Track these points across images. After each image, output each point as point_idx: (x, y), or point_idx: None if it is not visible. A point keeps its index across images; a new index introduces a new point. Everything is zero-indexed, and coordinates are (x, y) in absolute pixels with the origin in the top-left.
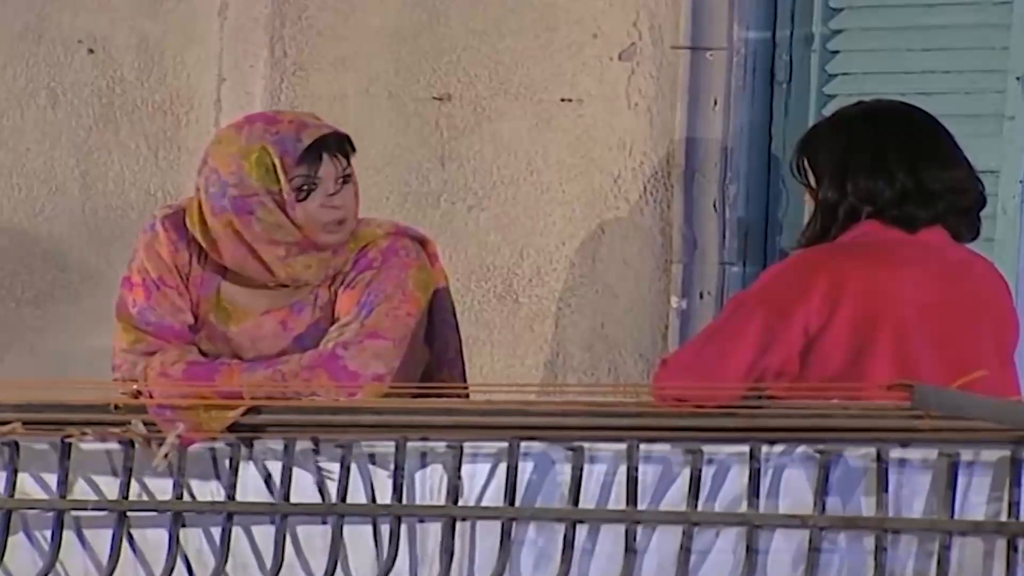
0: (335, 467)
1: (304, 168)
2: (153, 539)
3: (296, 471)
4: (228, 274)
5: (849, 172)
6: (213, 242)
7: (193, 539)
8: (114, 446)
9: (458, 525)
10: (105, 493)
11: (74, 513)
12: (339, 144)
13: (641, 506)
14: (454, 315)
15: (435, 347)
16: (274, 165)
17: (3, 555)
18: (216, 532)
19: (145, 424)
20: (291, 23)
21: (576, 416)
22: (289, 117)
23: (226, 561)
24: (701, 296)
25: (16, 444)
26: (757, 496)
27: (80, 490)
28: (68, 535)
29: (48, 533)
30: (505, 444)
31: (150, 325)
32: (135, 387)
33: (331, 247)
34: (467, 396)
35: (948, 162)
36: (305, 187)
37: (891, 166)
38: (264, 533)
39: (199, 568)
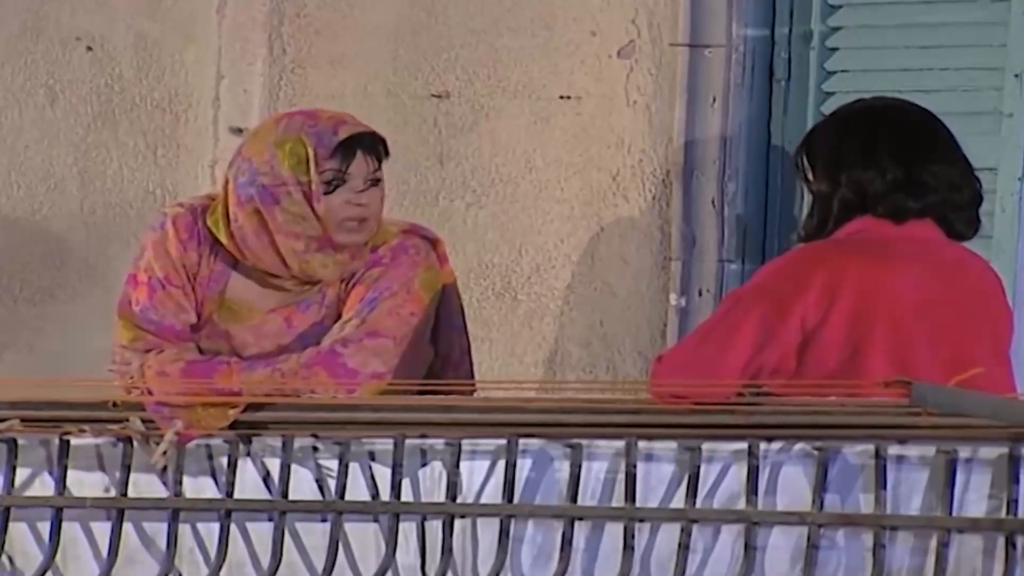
0: (334, 464)
1: (336, 162)
2: (148, 537)
3: (295, 468)
4: (238, 270)
5: (842, 164)
6: (233, 237)
7: (187, 537)
8: (104, 442)
9: (457, 522)
10: (90, 491)
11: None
12: (373, 145)
13: (639, 503)
14: (463, 317)
15: (439, 348)
16: (307, 156)
17: (2, 552)
18: (211, 529)
19: (143, 421)
20: (289, 21)
21: (574, 413)
22: (329, 114)
23: (224, 559)
24: (700, 293)
25: (15, 442)
26: (755, 493)
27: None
28: (64, 533)
29: (39, 532)
30: (504, 441)
31: (151, 324)
32: (132, 382)
33: (348, 248)
34: (471, 394)
35: (943, 158)
36: (334, 181)
37: (882, 158)
38: (262, 531)
39: (192, 566)
